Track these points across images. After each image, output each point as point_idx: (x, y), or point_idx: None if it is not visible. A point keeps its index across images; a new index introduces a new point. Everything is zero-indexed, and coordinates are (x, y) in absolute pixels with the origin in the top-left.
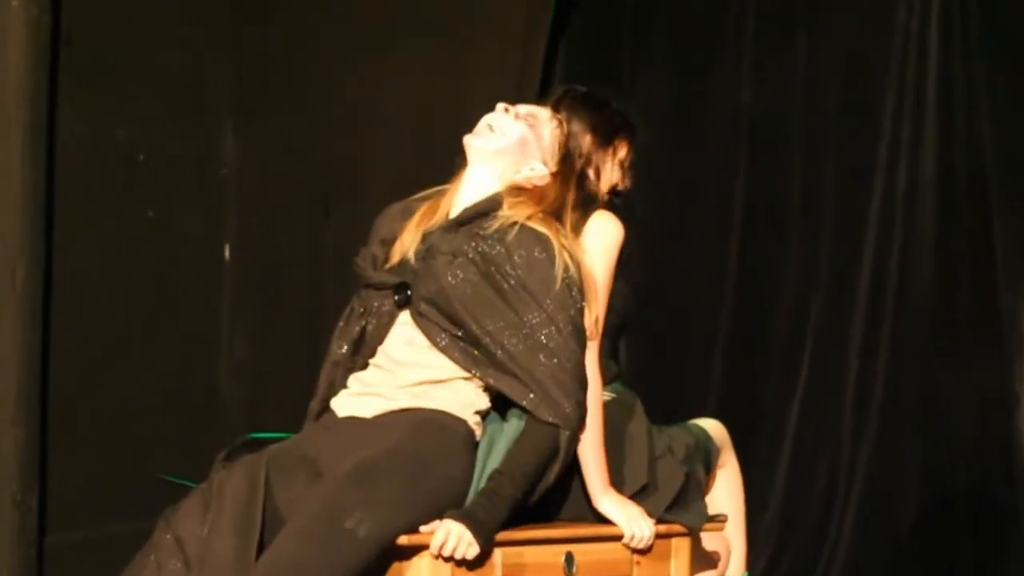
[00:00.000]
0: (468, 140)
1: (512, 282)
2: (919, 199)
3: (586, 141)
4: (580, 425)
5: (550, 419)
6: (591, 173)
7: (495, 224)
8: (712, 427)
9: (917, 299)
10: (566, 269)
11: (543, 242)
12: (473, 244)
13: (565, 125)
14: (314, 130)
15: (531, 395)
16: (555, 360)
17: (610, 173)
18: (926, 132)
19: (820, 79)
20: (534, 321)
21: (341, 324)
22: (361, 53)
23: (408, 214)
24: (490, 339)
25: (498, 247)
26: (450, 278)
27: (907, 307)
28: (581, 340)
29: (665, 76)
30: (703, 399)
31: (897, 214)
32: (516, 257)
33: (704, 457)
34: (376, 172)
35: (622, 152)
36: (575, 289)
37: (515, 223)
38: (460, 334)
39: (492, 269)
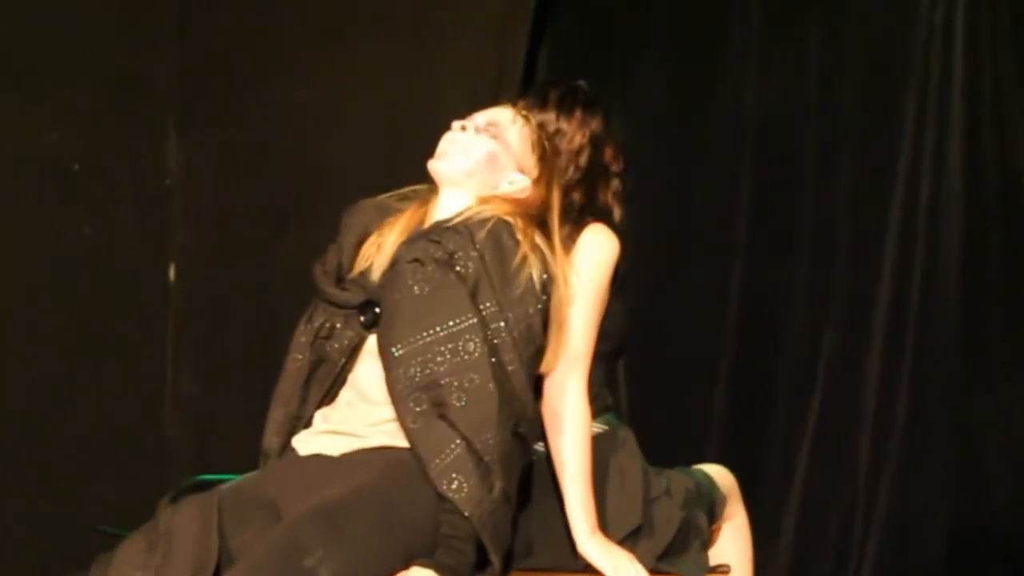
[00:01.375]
0: (432, 166)
1: (471, 265)
2: (944, 213)
3: (605, 147)
4: (505, 472)
5: (451, 494)
6: (605, 184)
7: (462, 216)
8: (718, 474)
9: (942, 326)
10: (540, 266)
11: (512, 229)
12: (437, 241)
13: (532, 119)
14: (269, 136)
15: (440, 457)
16: (499, 374)
17: (605, 180)
18: (952, 138)
19: (834, 78)
20: (488, 311)
21: (298, 331)
22: (321, 49)
23: (385, 213)
24: (421, 359)
25: (463, 231)
26: (410, 281)
27: (931, 336)
28: (531, 345)
29: (661, 74)
30: (702, 437)
31: (920, 230)
32: (480, 238)
33: (707, 505)
34: (339, 182)
35: (619, 156)
36: (539, 286)
37: (479, 211)
38: (404, 351)
39: (452, 255)
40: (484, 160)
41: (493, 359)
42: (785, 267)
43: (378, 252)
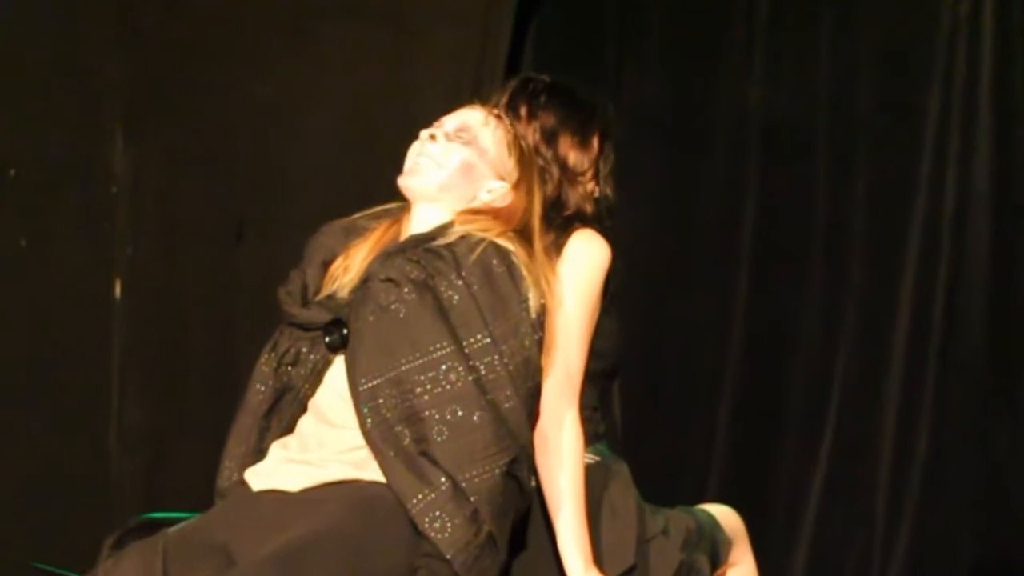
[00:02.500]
0: (402, 183)
1: (457, 296)
2: (970, 223)
3: (562, 142)
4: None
5: (433, 533)
6: (571, 184)
7: (445, 238)
8: (722, 514)
9: (968, 346)
10: (531, 289)
11: (503, 254)
12: (416, 261)
13: (505, 119)
14: (226, 138)
15: (420, 495)
16: (491, 408)
17: (590, 181)
18: (978, 140)
19: (849, 75)
20: (476, 345)
21: (261, 360)
22: (282, 41)
23: (353, 234)
24: (397, 391)
25: (446, 255)
26: (383, 301)
27: (956, 356)
28: (529, 380)
29: (659, 70)
30: (703, 469)
31: (943, 242)
32: (467, 265)
33: (710, 547)
34: (304, 189)
35: (603, 153)
36: (535, 315)
37: (469, 235)
38: (380, 381)
39: (434, 281)
40: (459, 171)
41: (489, 395)
42: (795, 281)
43: (344, 274)
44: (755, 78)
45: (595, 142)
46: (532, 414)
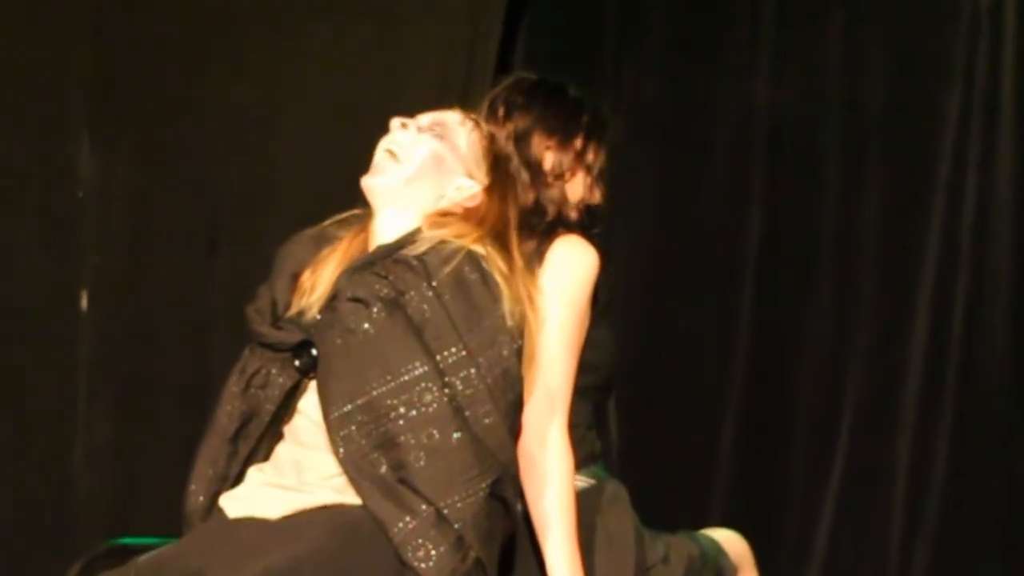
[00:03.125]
0: (367, 182)
1: (427, 307)
2: (991, 230)
3: (536, 143)
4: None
5: (416, 563)
6: (546, 187)
7: (414, 248)
8: (727, 539)
9: (989, 364)
10: (506, 298)
11: (476, 260)
12: (384, 276)
13: (483, 126)
14: (197, 139)
15: (401, 523)
16: (467, 428)
17: (575, 184)
18: (1001, 141)
19: (862, 73)
20: (451, 360)
21: (231, 381)
22: (259, 36)
23: (323, 243)
24: (371, 416)
25: (417, 266)
26: (352, 324)
27: (976, 375)
28: (509, 393)
29: (659, 68)
30: (707, 492)
31: (962, 250)
32: (439, 274)
33: (714, 575)
34: (281, 195)
35: (589, 155)
36: (513, 324)
37: (439, 239)
38: (352, 407)
39: (404, 298)
40: (429, 162)
41: (467, 412)
42: (803, 291)
43: (313, 290)
44: (760, 76)
45: (578, 142)
46: (514, 429)
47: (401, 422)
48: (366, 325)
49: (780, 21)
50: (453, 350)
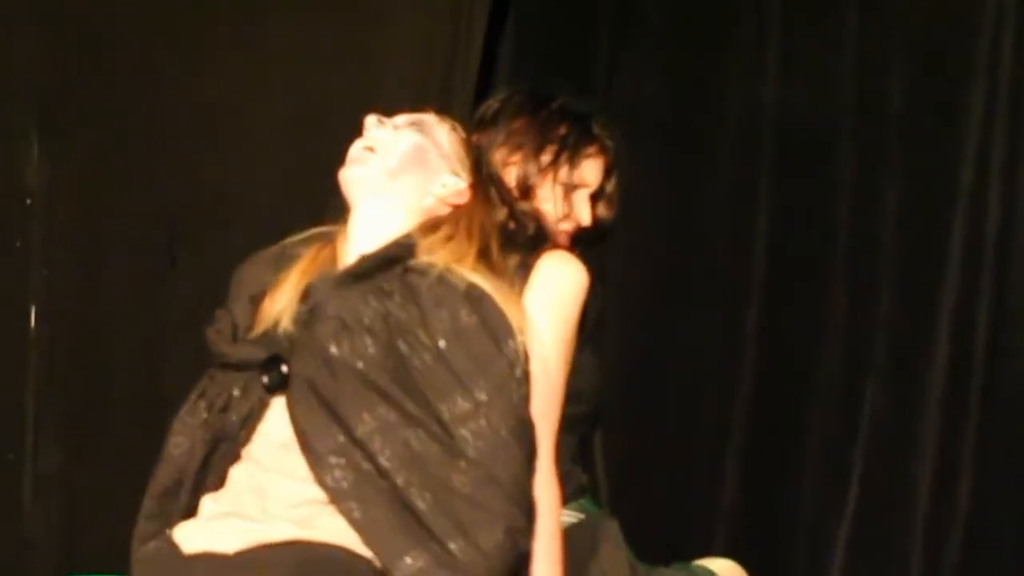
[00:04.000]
0: (344, 173)
1: (427, 358)
2: (1016, 239)
3: (497, 159)
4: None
5: None
6: (515, 201)
7: (407, 277)
8: (725, 570)
9: (1015, 384)
10: (510, 337)
11: (474, 299)
12: (373, 305)
13: (460, 129)
14: (155, 142)
15: (409, 558)
16: (477, 473)
17: (546, 200)
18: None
19: (876, 72)
20: (456, 411)
21: (184, 410)
22: (221, 31)
23: (284, 262)
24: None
25: (410, 307)
26: (334, 349)
27: (1001, 396)
28: (526, 441)
29: (658, 67)
30: (708, 526)
31: (986, 261)
32: (435, 321)
33: None
34: (246, 201)
35: (561, 170)
36: (519, 368)
37: (436, 272)
38: (342, 439)
39: (399, 340)
40: (412, 153)
41: (477, 469)
42: (815, 308)
43: (273, 312)
44: (768, 77)
45: (545, 157)
46: (530, 475)
47: (396, 463)
48: (334, 349)
49: (788, 18)
50: (459, 402)
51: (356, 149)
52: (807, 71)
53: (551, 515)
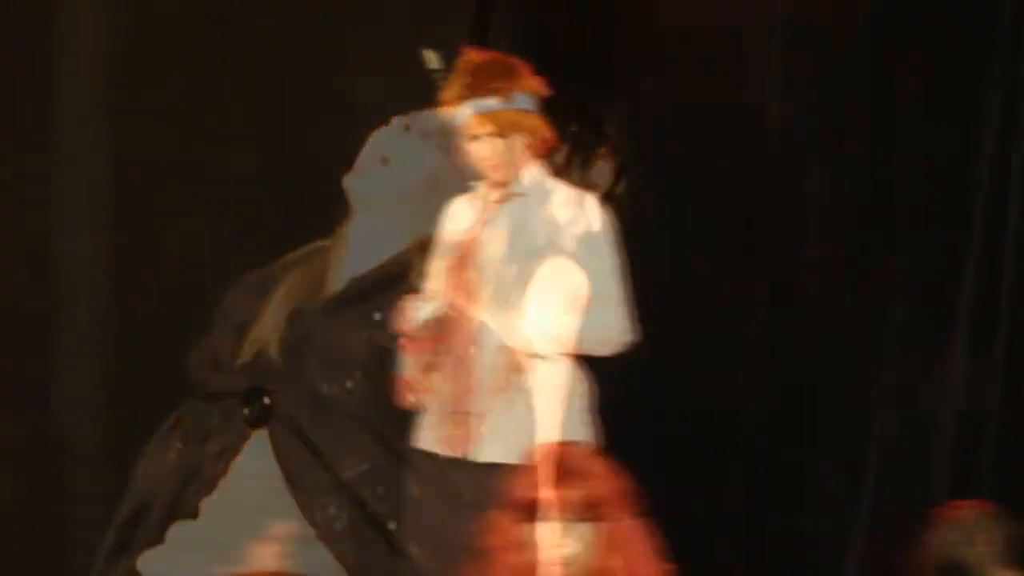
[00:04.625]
0: (349, 182)
1: None
2: None
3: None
4: None
5: None
6: None
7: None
8: None
9: None
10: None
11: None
12: (365, 336)
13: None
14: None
15: None
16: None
17: None
18: None
19: (888, 72)
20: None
21: (154, 441)
22: None
23: (268, 288)
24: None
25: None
26: (324, 388)
27: (1017, 418)
28: None
29: (657, 67)
30: (712, 542)
31: (1005, 271)
32: None
33: None
34: (212, 203)
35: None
36: None
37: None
38: (332, 480)
39: (390, 375)
40: (423, 183)
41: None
42: (822, 329)
43: (262, 331)
44: (773, 74)
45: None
46: None
47: (385, 507)
48: (326, 388)
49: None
50: None
51: (370, 157)
52: (813, 76)
53: None
